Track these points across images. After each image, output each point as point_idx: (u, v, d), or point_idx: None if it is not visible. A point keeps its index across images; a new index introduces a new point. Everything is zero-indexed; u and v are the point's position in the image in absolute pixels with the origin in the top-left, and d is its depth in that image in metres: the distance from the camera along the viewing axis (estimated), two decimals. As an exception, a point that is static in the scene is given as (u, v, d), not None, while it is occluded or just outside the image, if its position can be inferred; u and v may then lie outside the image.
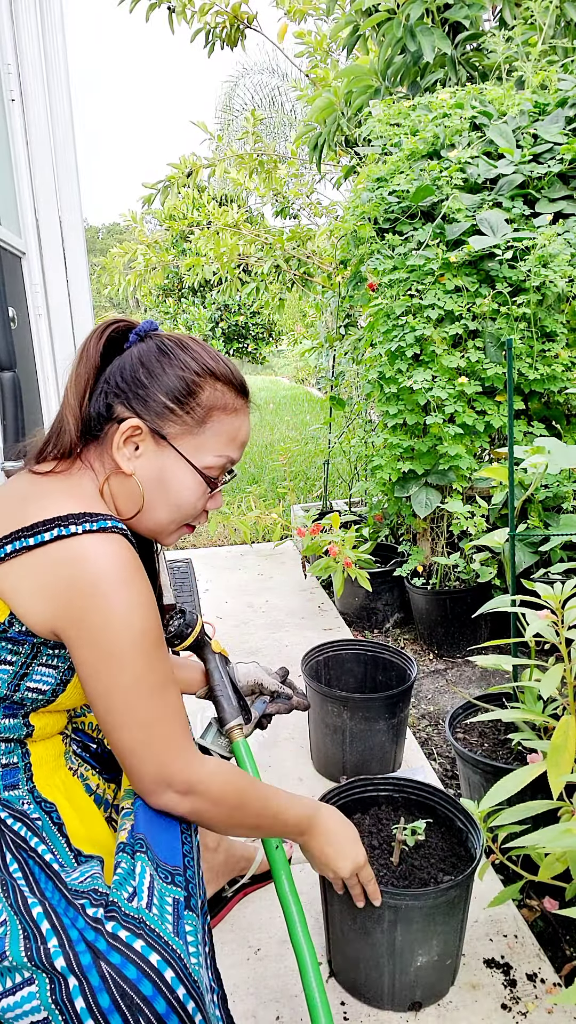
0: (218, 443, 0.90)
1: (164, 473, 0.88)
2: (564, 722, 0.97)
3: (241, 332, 13.62)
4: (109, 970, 0.70)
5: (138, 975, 0.70)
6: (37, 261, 2.38)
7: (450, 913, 1.07)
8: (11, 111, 2.27)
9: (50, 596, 0.76)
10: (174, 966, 0.71)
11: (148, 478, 0.87)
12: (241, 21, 3.66)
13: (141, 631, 0.78)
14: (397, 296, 2.13)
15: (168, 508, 0.89)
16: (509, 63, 2.65)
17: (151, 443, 0.87)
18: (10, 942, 0.72)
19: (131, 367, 0.88)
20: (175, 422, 0.88)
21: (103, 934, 0.72)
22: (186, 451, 0.88)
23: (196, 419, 0.88)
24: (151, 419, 0.87)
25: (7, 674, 0.79)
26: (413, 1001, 1.09)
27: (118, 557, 0.77)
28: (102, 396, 0.88)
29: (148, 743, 0.80)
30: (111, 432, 0.86)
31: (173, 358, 0.88)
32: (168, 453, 0.88)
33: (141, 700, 0.79)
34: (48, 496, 0.80)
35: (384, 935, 1.06)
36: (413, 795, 1.31)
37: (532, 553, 1.91)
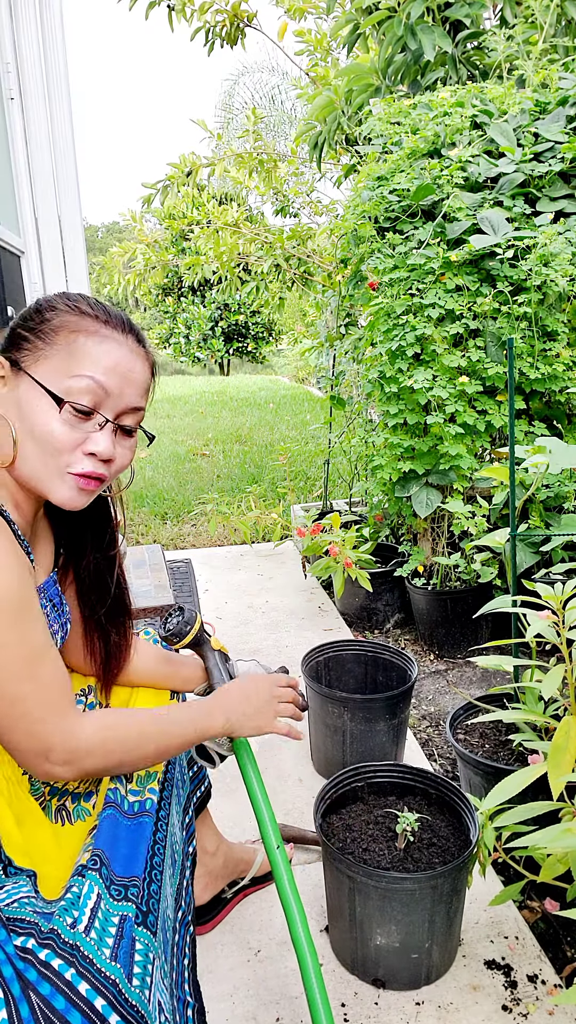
0: (74, 363, 0.81)
1: (23, 406, 0.81)
2: (565, 723, 0.97)
3: (241, 331, 13.62)
4: (38, 1001, 0.67)
5: (66, 1005, 0.67)
6: (36, 260, 2.38)
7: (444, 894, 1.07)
8: (11, 110, 2.26)
9: None
10: (105, 993, 0.69)
11: (13, 415, 0.81)
12: (241, 19, 3.65)
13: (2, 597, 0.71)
14: (398, 295, 2.12)
15: (34, 444, 0.81)
16: (510, 61, 2.64)
17: (11, 375, 0.82)
18: None
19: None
20: (28, 349, 0.82)
21: (34, 964, 0.69)
22: (41, 376, 0.81)
23: (44, 340, 0.82)
24: (7, 350, 0.82)
25: None
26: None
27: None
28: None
29: (22, 719, 0.75)
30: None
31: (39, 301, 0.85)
32: (24, 382, 0.81)
33: (8, 676, 0.73)
34: None
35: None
36: (419, 784, 1.31)
37: (533, 553, 1.91)
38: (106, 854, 0.79)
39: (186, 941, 0.86)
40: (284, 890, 0.97)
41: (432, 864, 1.16)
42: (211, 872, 1.26)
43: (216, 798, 1.52)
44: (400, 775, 1.34)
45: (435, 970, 1.14)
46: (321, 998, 0.91)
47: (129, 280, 4.00)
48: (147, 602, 1.78)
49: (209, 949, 1.22)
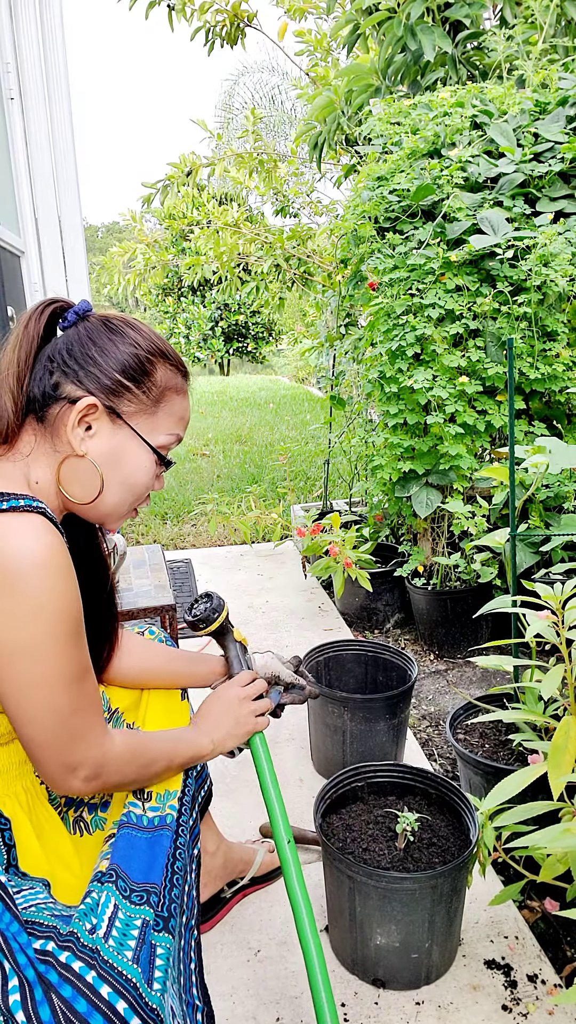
0: (170, 422, 0.89)
1: (119, 453, 0.85)
2: (565, 723, 0.97)
3: (241, 331, 13.62)
4: (60, 1004, 0.68)
5: (88, 1008, 0.68)
6: (36, 260, 2.38)
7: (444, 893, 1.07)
8: (10, 110, 2.27)
9: None
10: (127, 996, 0.69)
11: (101, 459, 0.84)
12: (241, 19, 3.65)
13: (58, 620, 0.73)
14: (397, 295, 2.12)
15: (121, 489, 0.86)
16: (510, 62, 2.64)
17: (106, 422, 0.84)
18: None
19: (79, 344, 0.84)
20: (131, 401, 0.85)
21: (55, 966, 0.70)
22: (142, 430, 0.86)
23: (152, 398, 0.87)
24: (105, 397, 0.84)
25: None
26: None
27: (33, 538, 0.71)
28: (46, 375, 0.83)
29: (61, 736, 0.76)
30: (61, 412, 0.82)
31: (124, 335, 0.86)
32: (123, 432, 0.85)
33: (57, 693, 0.74)
34: None
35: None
36: (419, 783, 1.31)
37: (533, 553, 1.91)
38: (122, 868, 0.80)
39: (191, 944, 0.87)
40: (292, 885, 0.97)
41: (432, 864, 1.16)
42: (210, 872, 1.26)
43: (216, 798, 1.52)
44: (400, 775, 1.34)
45: (435, 970, 1.14)
46: (326, 993, 0.91)
47: (129, 280, 4.00)
48: (147, 602, 1.78)
49: (208, 949, 1.22)
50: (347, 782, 1.33)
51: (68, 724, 0.76)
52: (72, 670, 0.75)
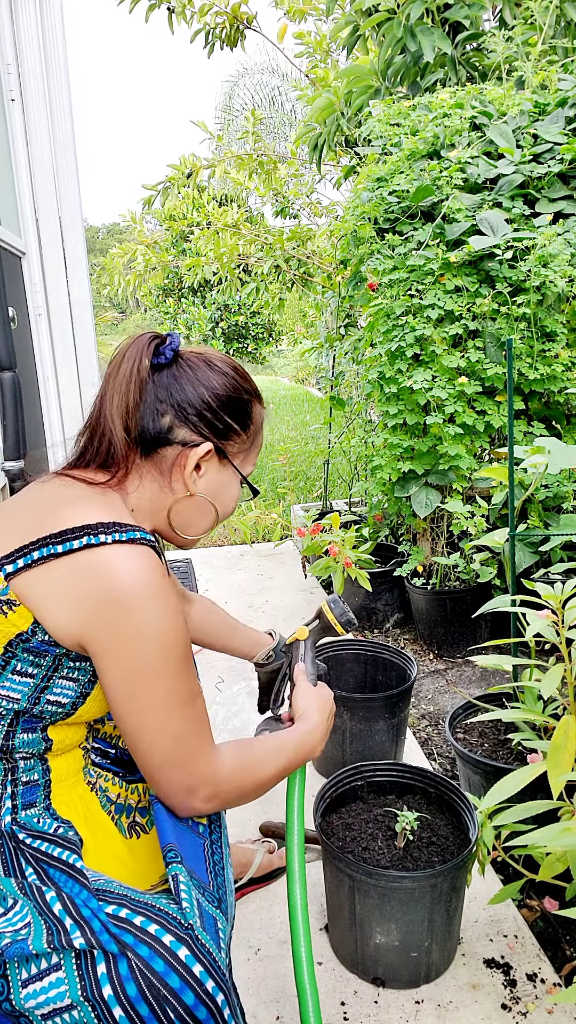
0: (256, 453, 0.98)
1: (220, 489, 0.93)
2: (564, 722, 0.97)
3: (241, 332, 13.62)
4: (137, 962, 0.71)
5: (166, 968, 0.71)
6: (37, 261, 2.38)
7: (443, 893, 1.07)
8: (11, 111, 2.27)
9: (78, 605, 0.74)
10: (203, 960, 0.72)
11: (206, 495, 0.91)
12: (241, 21, 3.66)
13: (172, 644, 0.77)
14: (397, 296, 2.13)
15: (215, 519, 0.94)
16: (509, 63, 2.65)
17: (214, 463, 0.91)
18: (34, 940, 0.72)
19: (190, 385, 0.88)
20: (236, 442, 0.93)
21: (130, 929, 0.73)
22: (239, 466, 0.94)
23: (250, 437, 0.95)
24: (219, 442, 0.90)
25: (28, 687, 0.77)
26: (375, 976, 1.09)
27: (149, 569, 0.75)
28: (158, 416, 0.86)
29: (178, 756, 0.79)
30: (175, 455, 0.87)
31: (227, 377, 0.91)
32: (227, 471, 0.93)
33: (172, 714, 0.78)
34: (75, 503, 0.79)
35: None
36: (418, 782, 1.32)
37: (532, 553, 1.91)
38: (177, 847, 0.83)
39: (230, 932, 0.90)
40: (293, 894, 0.97)
41: (431, 863, 1.16)
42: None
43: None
44: (400, 774, 1.34)
45: (435, 969, 1.14)
46: (312, 995, 0.91)
47: (129, 281, 4.00)
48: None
49: (209, 948, 1.22)
50: (347, 781, 1.33)
51: (184, 744, 0.79)
52: (185, 691, 0.79)
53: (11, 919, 0.74)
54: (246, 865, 1.33)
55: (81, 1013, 0.70)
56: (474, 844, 1.13)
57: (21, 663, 0.76)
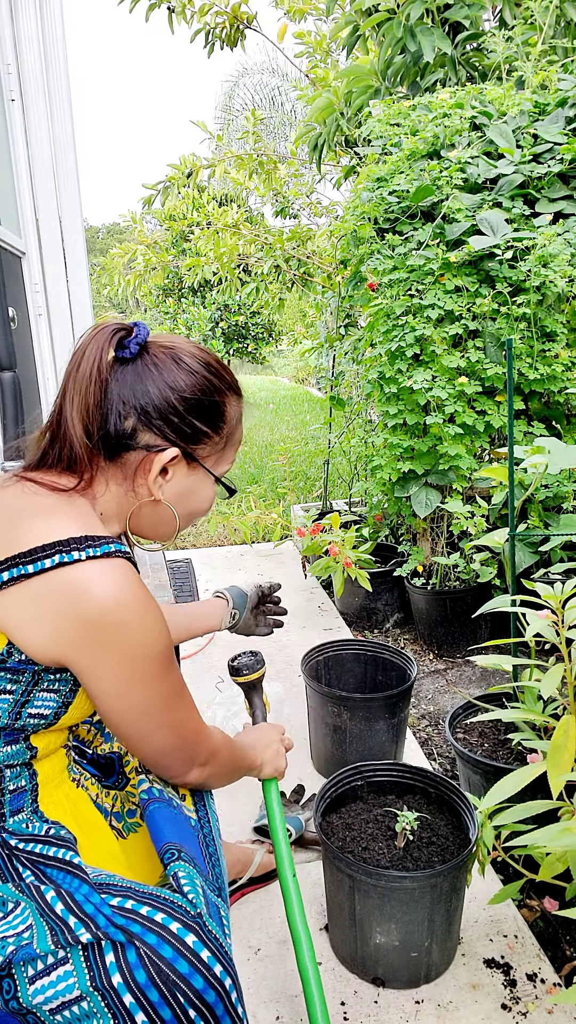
0: (233, 452, 0.93)
1: (189, 490, 0.88)
2: (564, 722, 0.97)
3: (241, 332, 13.61)
4: (145, 949, 0.72)
5: (174, 954, 0.72)
6: (37, 261, 2.38)
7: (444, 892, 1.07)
8: (11, 111, 2.27)
9: (54, 625, 0.72)
10: (210, 946, 0.74)
11: (174, 499, 0.87)
12: (241, 21, 3.66)
13: (157, 652, 0.77)
14: (397, 296, 2.13)
15: (185, 520, 0.91)
16: (509, 63, 2.65)
17: (182, 467, 0.86)
18: (39, 942, 0.73)
19: (154, 386, 0.82)
20: (207, 444, 0.87)
21: (136, 918, 0.74)
22: (212, 467, 0.89)
23: (224, 438, 0.89)
24: (186, 445, 0.85)
25: (7, 703, 0.75)
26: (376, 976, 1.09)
27: (126, 585, 0.74)
28: (121, 418, 0.81)
29: (176, 743, 0.84)
30: (139, 459, 0.82)
31: (196, 375, 0.85)
32: (197, 473, 0.88)
33: (167, 712, 0.81)
34: (43, 515, 0.76)
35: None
36: (418, 782, 1.32)
37: (532, 553, 1.91)
38: (178, 843, 0.86)
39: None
40: (287, 886, 0.97)
41: (431, 863, 1.16)
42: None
43: (217, 797, 1.52)
44: (400, 774, 1.34)
45: (435, 969, 1.14)
46: (319, 995, 0.92)
47: (129, 281, 4.00)
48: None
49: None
50: (347, 781, 1.33)
51: (183, 729, 0.84)
52: (175, 687, 0.82)
53: (11, 922, 0.74)
54: (246, 864, 1.33)
55: (91, 1003, 0.71)
56: (474, 844, 1.13)
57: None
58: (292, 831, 1.40)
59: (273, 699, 1.90)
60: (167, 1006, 0.70)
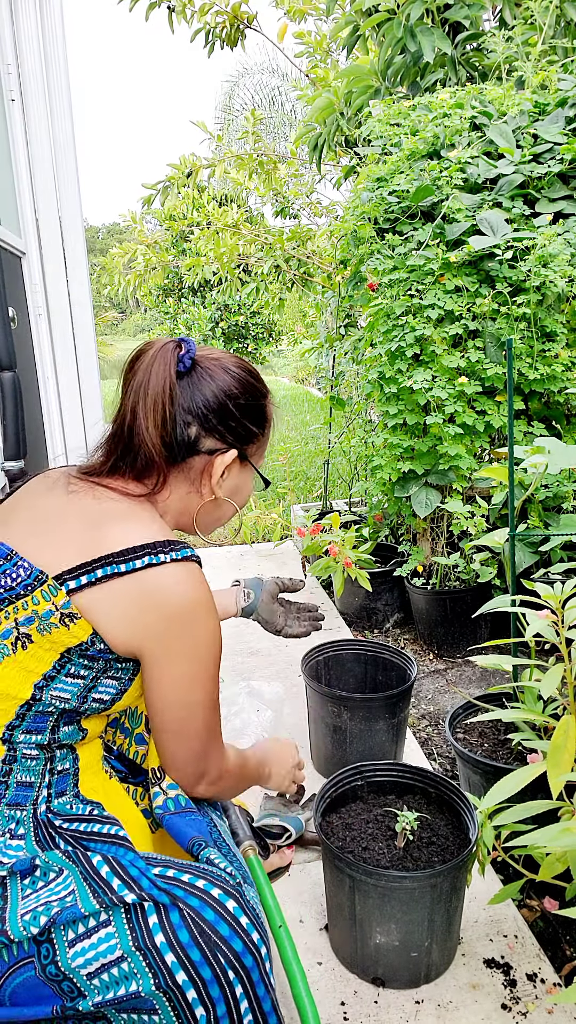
0: (266, 446, 1.02)
1: (239, 486, 0.98)
2: (564, 722, 0.97)
3: (241, 332, 13.61)
4: (188, 911, 0.75)
5: (216, 917, 0.75)
6: (37, 261, 2.38)
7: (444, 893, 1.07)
8: (11, 111, 2.27)
9: (137, 618, 0.80)
10: (248, 913, 0.77)
11: (227, 495, 0.97)
12: (241, 21, 3.66)
13: (216, 654, 0.86)
14: (397, 296, 2.13)
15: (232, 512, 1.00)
16: (509, 63, 2.65)
17: (236, 465, 0.96)
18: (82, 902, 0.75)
19: (217, 399, 0.91)
20: (256, 443, 0.98)
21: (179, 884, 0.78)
22: (257, 462, 1.00)
23: (266, 436, 1.00)
24: (241, 446, 0.95)
25: (78, 688, 0.81)
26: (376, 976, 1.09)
27: (202, 587, 0.83)
28: (185, 426, 0.90)
29: (204, 749, 0.90)
30: (203, 464, 0.92)
31: (244, 385, 0.94)
32: (247, 470, 0.99)
33: (206, 712, 0.87)
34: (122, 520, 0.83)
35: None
36: (418, 782, 1.32)
37: (532, 553, 1.91)
38: (201, 836, 0.90)
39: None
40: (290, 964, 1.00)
41: (431, 863, 1.16)
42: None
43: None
44: (400, 774, 1.34)
45: (435, 969, 1.14)
46: (308, 1000, 0.94)
47: (129, 281, 4.00)
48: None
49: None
50: (347, 781, 1.33)
51: (211, 738, 0.90)
52: (215, 694, 0.89)
53: (54, 888, 0.77)
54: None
55: (131, 964, 0.73)
56: (474, 844, 1.13)
57: (75, 667, 0.80)
58: (292, 831, 1.40)
59: (273, 699, 1.90)
60: (208, 966, 0.73)
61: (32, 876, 0.77)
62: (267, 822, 1.39)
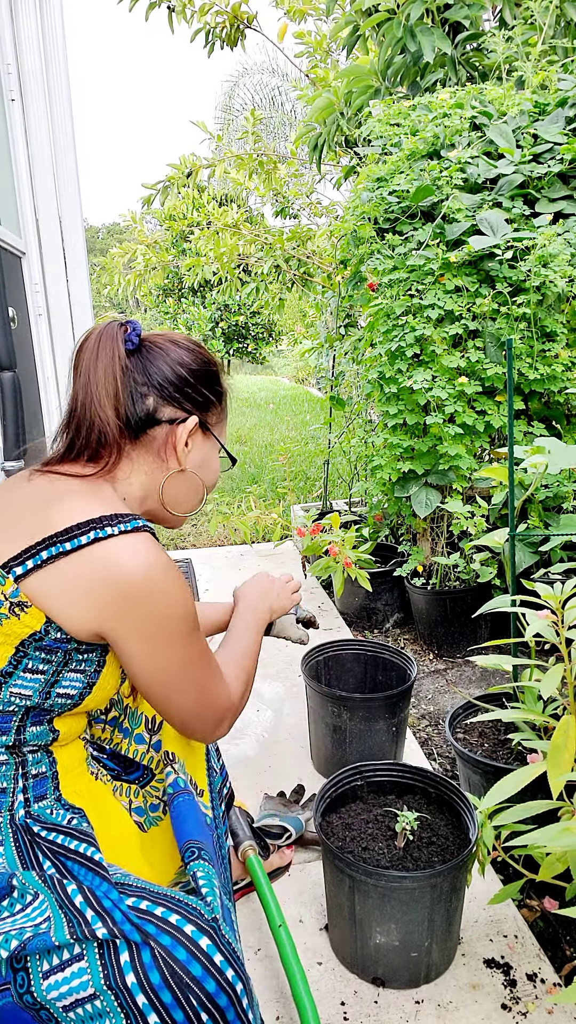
0: (225, 423, 1.00)
1: (204, 460, 0.96)
2: (564, 722, 0.97)
3: (241, 332, 13.61)
4: (160, 951, 0.73)
5: (188, 956, 0.73)
6: (37, 261, 2.38)
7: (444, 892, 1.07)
8: (11, 111, 2.27)
9: (92, 598, 0.76)
10: (223, 950, 0.75)
11: (194, 469, 0.94)
12: (241, 21, 3.66)
13: (185, 615, 0.82)
14: (397, 296, 2.13)
15: (204, 491, 0.98)
16: (509, 63, 2.65)
17: (199, 436, 0.94)
18: (56, 932, 0.74)
19: (171, 369, 0.90)
20: (214, 413, 0.96)
21: (151, 919, 0.75)
22: (219, 435, 0.98)
23: (223, 406, 0.98)
24: (201, 414, 0.93)
25: (39, 683, 0.79)
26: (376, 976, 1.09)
27: (154, 554, 0.79)
28: (141, 398, 0.89)
29: (206, 705, 0.88)
30: (164, 434, 0.90)
31: (195, 353, 0.93)
32: (210, 442, 0.96)
33: (194, 674, 0.85)
34: (71, 499, 0.80)
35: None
36: (418, 782, 1.32)
37: (532, 553, 1.91)
38: (199, 842, 0.88)
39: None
40: (290, 964, 0.99)
41: (431, 863, 1.16)
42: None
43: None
44: (400, 774, 1.34)
45: (435, 969, 1.14)
46: (308, 999, 0.93)
47: (129, 281, 4.00)
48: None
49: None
50: (347, 781, 1.33)
51: (208, 693, 0.88)
52: (198, 650, 0.86)
53: (30, 914, 0.76)
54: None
55: (103, 1002, 0.71)
56: (474, 844, 1.13)
57: (32, 661, 0.78)
58: (292, 831, 1.40)
59: (273, 699, 1.90)
60: (179, 1008, 0.71)
61: (10, 898, 0.76)
62: (267, 822, 1.39)
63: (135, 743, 1.04)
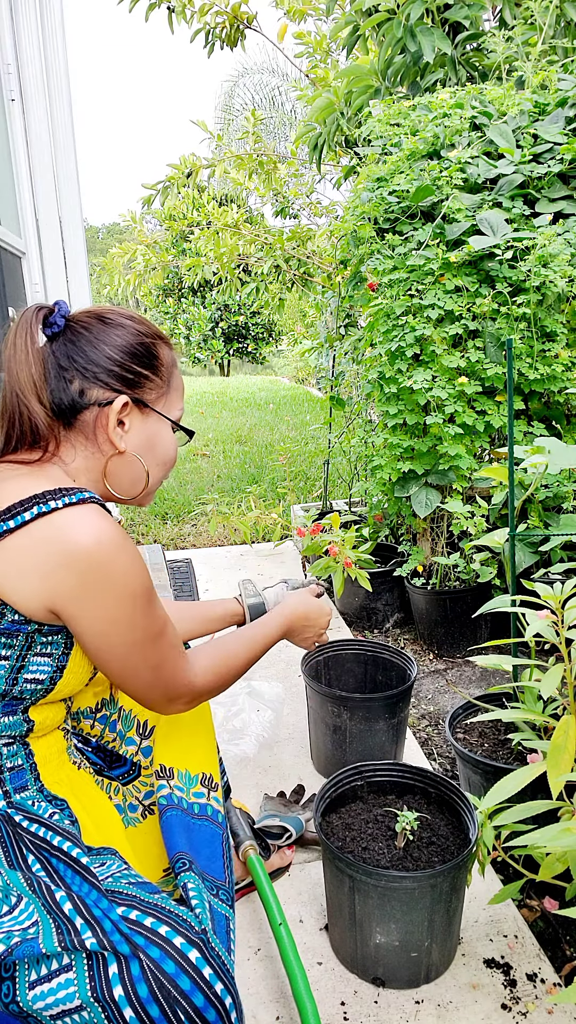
0: (178, 395, 0.96)
1: (151, 439, 0.92)
2: (564, 722, 0.97)
3: (241, 332, 13.62)
4: (148, 964, 0.72)
5: (177, 970, 0.72)
6: (37, 261, 2.38)
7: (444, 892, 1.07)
8: (11, 111, 2.27)
9: (42, 574, 0.75)
10: (212, 963, 0.74)
11: (140, 449, 0.90)
12: (241, 21, 3.66)
13: (138, 589, 0.80)
14: (397, 296, 2.13)
15: (159, 469, 0.94)
16: (509, 63, 2.65)
17: (136, 415, 0.89)
18: (44, 940, 0.73)
19: (89, 345, 0.86)
20: (151, 388, 0.91)
21: (141, 931, 0.74)
22: (164, 411, 0.93)
23: (164, 379, 0.92)
24: (132, 391, 0.88)
25: (4, 669, 0.78)
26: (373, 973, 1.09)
27: (103, 525, 0.77)
28: (66, 383, 0.85)
29: (158, 679, 0.86)
30: (95, 417, 0.86)
31: (124, 326, 0.89)
32: (151, 419, 0.91)
33: (148, 649, 0.83)
34: (13, 480, 0.79)
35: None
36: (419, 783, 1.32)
37: (532, 553, 1.91)
38: (189, 854, 0.87)
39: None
40: (290, 964, 1.00)
41: (431, 863, 1.16)
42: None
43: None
44: (400, 774, 1.34)
45: (434, 969, 1.14)
46: (308, 999, 0.94)
47: (129, 281, 4.00)
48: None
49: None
50: (347, 781, 1.33)
51: (161, 671, 0.87)
52: (155, 627, 0.84)
53: (17, 917, 0.75)
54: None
55: (91, 1014, 0.71)
56: (474, 844, 1.13)
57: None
58: (292, 831, 1.40)
59: (273, 699, 1.90)
60: (167, 1022, 0.70)
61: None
62: (267, 823, 1.39)
63: (125, 744, 1.04)
